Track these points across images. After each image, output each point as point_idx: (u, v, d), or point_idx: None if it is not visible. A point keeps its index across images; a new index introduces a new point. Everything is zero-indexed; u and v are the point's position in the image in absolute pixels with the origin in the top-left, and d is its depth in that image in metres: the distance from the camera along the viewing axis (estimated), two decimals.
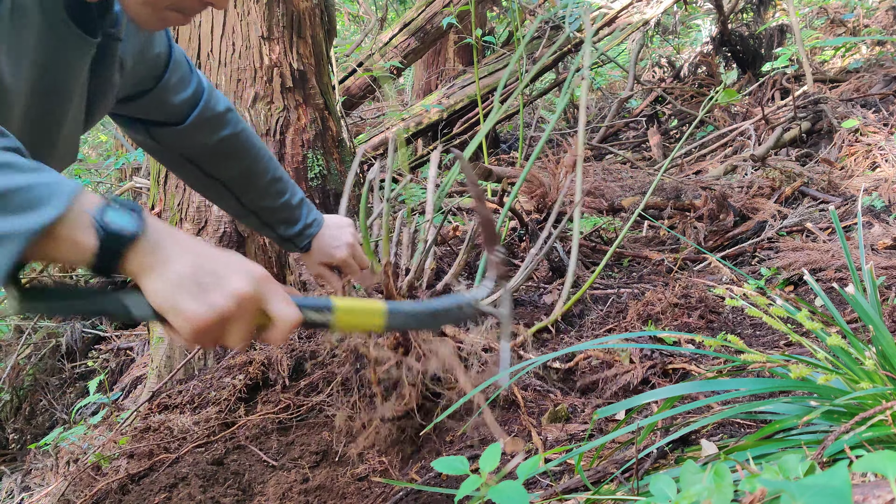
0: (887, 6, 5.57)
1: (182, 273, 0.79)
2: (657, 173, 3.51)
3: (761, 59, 5.38)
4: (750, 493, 0.62)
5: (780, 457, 0.80)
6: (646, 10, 5.13)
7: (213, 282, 0.80)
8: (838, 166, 3.43)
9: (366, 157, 4.73)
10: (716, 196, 2.99)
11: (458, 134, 5.03)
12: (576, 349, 1.57)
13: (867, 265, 1.19)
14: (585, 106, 2.13)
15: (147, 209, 0.81)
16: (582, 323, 2.09)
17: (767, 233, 2.76)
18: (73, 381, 3.37)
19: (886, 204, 2.88)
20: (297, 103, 2.35)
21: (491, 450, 0.91)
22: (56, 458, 2.33)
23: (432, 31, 5.19)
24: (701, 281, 2.30)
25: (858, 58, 5.37)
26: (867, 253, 2.27)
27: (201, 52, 2.28)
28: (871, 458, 0.62)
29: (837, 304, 1.88)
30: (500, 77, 4.95)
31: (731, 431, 1.30)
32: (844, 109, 3.94)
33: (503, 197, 2.72)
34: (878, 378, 0.97)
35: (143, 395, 2.31)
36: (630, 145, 5.28)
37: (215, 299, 0.80)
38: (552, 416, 1.56)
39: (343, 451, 1.69)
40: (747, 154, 3.77)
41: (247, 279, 0.82)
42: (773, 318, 1.07)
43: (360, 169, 3.22)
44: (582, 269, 2.66)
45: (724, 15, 5.32)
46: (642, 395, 1.05)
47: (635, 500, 0.93)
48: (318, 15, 2.49)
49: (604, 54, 5.59)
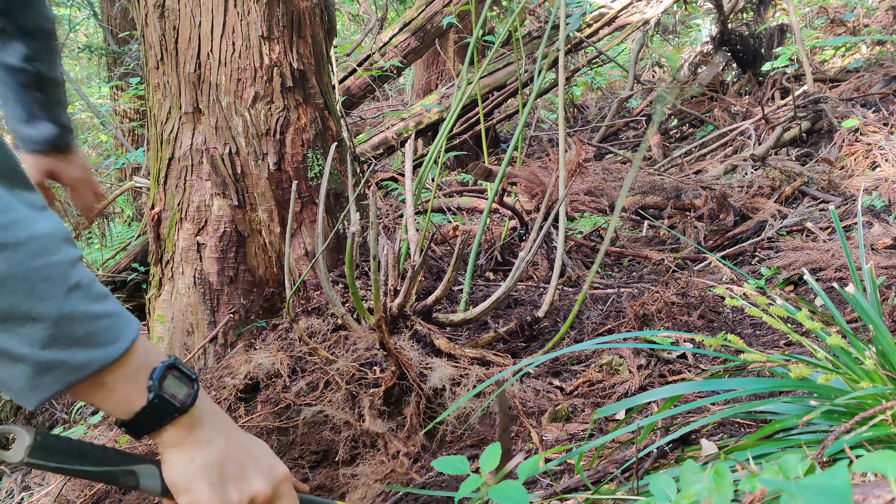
0: (887, 6, 5.57)
1: (209, 460, 0.77)
2: (657, 173, 3.52)
3: (761, 59, 5.38)
4: (750, 493, 0.62)
5: (780, 456, 0.79)
6: (646, 10, 5.13)
7: (236, 476, 0.79)
8: (838, 166, 3.43)
9: (366, 157, 4.73)
10: (716, 196, 2.99)
11: (458, 133, 5.03)
12: (575, 349, 1.57)
13: (867, 265, 1.19)
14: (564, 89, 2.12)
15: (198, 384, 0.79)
16: (582, 323, 2.09)
17: (767, 232, 2.76)
18: None
19: (886, 203, 2.88)
20: (297, 103, 2.35)
21: (491, 450, 0.91)
22: None
23: (432, 30, 5.19)
24: (701, 280, 2.30)
25: (858, 57, 5.37)
26: (867, 253, 2.27)
27: (201, 51, 2.28)
28: (871, 457, 0.62)
29: (837, 303, 1.88)
30: (500, 76, 4.95)
31: (731, 431, 1.30)
32: (844, 109, 3.94)
33: (503, 196, 2.72)
34: (878, 378, 0.97)
35: None
36: (630, 145, 5.28)
37: (230, 495, 0.78)
38: (552, 416, 1.56)
39: (343, 453, 1.69)
40: (747, 154, 3.77)
41: (267, 481, 0.81)
42: (773, 318, 1.07)
43: (360, 169, 3.22)
44: (582, 269, 2.66)
45: (724, 15, 5.32)
46: (642, 395, 1.05)
47: (635, 500, 0.93)
48: (318, 15, 2.49)
49: (604, 54, 5.58)
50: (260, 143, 2.30)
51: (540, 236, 1.85)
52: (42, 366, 0.66)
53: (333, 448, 1.71)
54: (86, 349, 0.68)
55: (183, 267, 2.31)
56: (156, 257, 2.39)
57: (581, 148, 2.59)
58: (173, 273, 2.33)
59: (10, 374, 0.66)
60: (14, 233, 0.66)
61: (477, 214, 3.30)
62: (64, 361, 0.67)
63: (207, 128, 2.28)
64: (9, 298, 0.65)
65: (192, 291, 2.30)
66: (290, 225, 1.80)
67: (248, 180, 2.30)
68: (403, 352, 1.66)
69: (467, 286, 2.14)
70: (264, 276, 2.34)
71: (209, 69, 2.28)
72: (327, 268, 2.34)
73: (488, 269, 2.72)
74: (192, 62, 2.28)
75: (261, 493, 0.80)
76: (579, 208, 3.09)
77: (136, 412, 0.73)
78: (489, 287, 2.47)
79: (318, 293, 2.27)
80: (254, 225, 2.32)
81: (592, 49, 5.53)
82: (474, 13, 2.51)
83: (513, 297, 2.35)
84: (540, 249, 2.60)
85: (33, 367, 0.66)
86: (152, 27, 2.33)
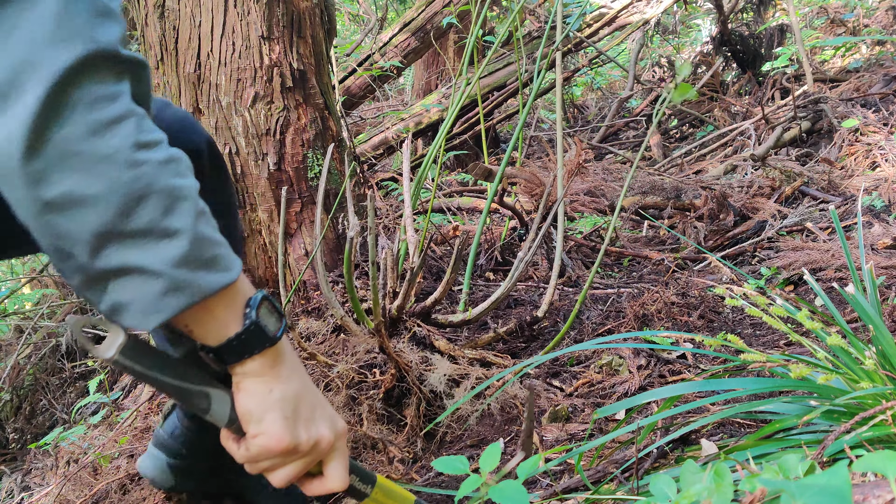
0: (887, 6, 5.57)
1: (287, 395, 0.78)
2: (657, 173, 3.52)
3: (761, 59, 5.37)
4: (750, 493, 0.62)
5: (780, 456, 0.79)
6: (646, 10, 5.13)
7: (307, 417, 0.80)
8: (838, 166, 3.43)
9: (366, 157, 4.73)
10: (716, 196, 2.99)
11: (458, 133, 5.02)
12: (575, 349, 1.57)
13: (867, 265, 1.19)
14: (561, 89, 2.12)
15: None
16: (582, 323, 2.09)
17: (767, 232, 2.76)
18: (73, 380, 3.37)
19: (886, 204, 2.88)
20: (297, 103, 2.35)
21: (491, 450, 0.91)
22: (56, 457, 2.33)
23: (432, 30, 5.19)
24: (701, 280, 2.30)
25: (858, 57, 5.37)
26: (867, 253, 2.27)
27: (201, 52, 2.28)
28: (871, 457, 0.62)
29: (837, 303, 1.88)
30: (500, 76, 4.95)
31: (731, 431, 1.30)
32: (844, 109, 3.94)
33: (503, 196, 2.72)
34: (878, 378, 0.97)
35: (144, 395, 2.30)
36: (630, 145, 5.28)
37: (300, 433, 0.79)
38: (552, 415, 1.56)
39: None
40: (747, 154, 3.77)
41: (332, 430, 0.82)
42: (773, 318, 1.07)
43: (360, 168, 3.22)
44: (582, 269, 2.66)
45: (724, 15, 5.32)
46: (642, 395, 1.05)
47: (635, 500, 0.93)
48: (318, 15, 2.49)
49: (604, 54, 5.58)
50: (260, 143, 2.30)
51: (539, 236, 1.84)
52: (173, 284, 0.67)
53: None
54: (210, 272, 0.70)
55: None
56: None
57: (581, 148, 2.59)
58: None
59: (139, 293, 0.67)
60: (159, 150, 0.68)
61: (477, 214, 3.30)
62: (191, 282, 0.68)
63: (207, 128, 2.28)
64: (151, 213, 0.66)
65: None
66: (282, 224, 1.79)
67: (248, 180, 2.30)
68: (403, 354, 1.66)
69: (466, 286, 2.14)
70: (264, 277, 2.34)
71: (209, 69, 2.28)
72: (329, 267, 2.34)
73: (488, 269, 2.72)
74: (191, 62, 2.28)
75: (325, 439, 0.81)
76: (579, 208, 3.09)
77: (230, 338, 0.74)
78: (489, 287, 2.47)
79: (317, 293, 2.27)
80: (254, 225, 2.32)
81: (592, 49, 5.53)
82: (474, 13, 2.51)
83: (512, 298, 2.35)
84: (540, 249, 2.60)
85: (164, 285, 0.67)
86: (152, 27, 2.33)
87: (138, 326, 0.69)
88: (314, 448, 0.80)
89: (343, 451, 0.85)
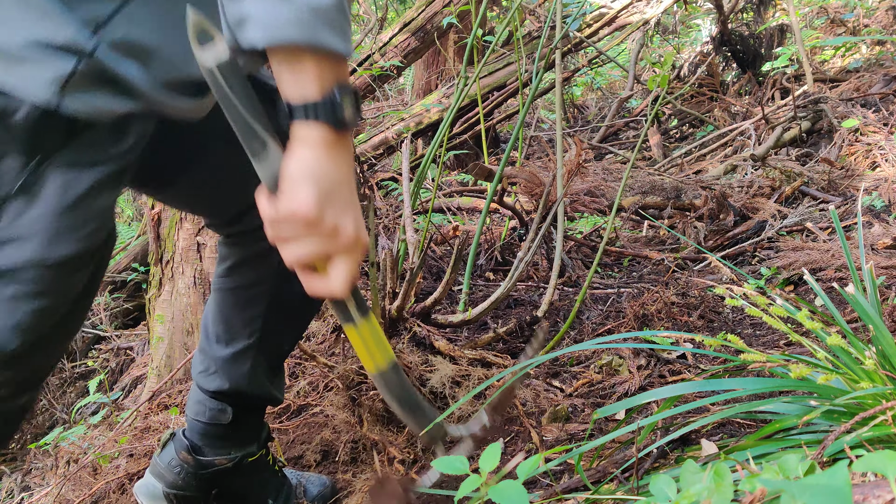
0: (887, 6, 5.57)
1: (330, 175, 0.82)
2: (657, 173, 3.52)
3: (761, 59, 5.37)
4: (750, 493, 0.62)
5: (780, 456, 0.79)
6: (646, 10, 5.13)
7: (339, 204, 0.83)
8: (838, 166, 3.43)
9: (366, 157, 4.73)
10: (716, 196, 2.99)
11: (458, 134, 5.02)
12: (575, 349, 1.57)
13: (867, 265, 1.19)
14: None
15: None
16: (581, 323, 2.09)
17: (767, 232, 2.76)
18: (73, 380, 3.37)
19: (886, 204, 2.88)
20: None
21: (491, 450, 0.91)
22: (56, 457, 2.33)
23: (432, 30, 5.19)
24: (701, 280, 2.30)
25: (858, 57, 5.37)
26: (867, 253, 2.27)
27: None
28: (871, 457, 0.61)
29: (837, 303, 1.88)
30: (500, 76, 4.95)
31: (731, 431, 1.30)
32: (844, 109, 3.94)
33: (503, 196, 2.72)
34: (878, 378, 0.97)
35: (143, 395, 2.31)
36: (630, 145, 5.28)
37: (328, 213, 0.82)
38: (552, 416, 1.56)
39: (343, 453, 1.69)
40: (747, 154, 3.77)
41: (356, 232, 0.85)
42: (773, 318, 1.07)
43: (360, 168, 3.22)
44: (581, 269, 2.66)
45: (724, 15, 5.32)
46: (642, 395, 1.05)
47: (635, 500, 0.93)
48: None
49: (604, 54, 5.58)
50: None
51: (539, 236, 1.84)
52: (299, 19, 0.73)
53: (333, 448, 1.71)
54: (334, 34, 0.76)
55: (183, 267, 2.31)
56: (156, 257, 2.39)
57: (581, 148, 2.59)
58: (173, 273, 2.33)
59: (270, 12, 0.73)
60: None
61: (477, 214, 3.30)
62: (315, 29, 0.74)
63: None
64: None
65: (192, 291, 2.30)
66: None
67: None
68: (403, 355, 1.66)
69: (466, 286, 2.14)
70: None
71: None
72: None
73: (488, 269, 2.72)
74: None
75: (346, 231, 0.84)
76: (579, 208, 3.09)
77: (307, 102, 0.79)
78: (489, 287, 2.47)
79: None
80: None
81: (592, 49, 5.53)
82: (474, 13, 2.51)
83: (512, 298, 2.35)
84: (540, 249, 2.60)
85: (294, 15, 0.73)
86: None
87: (252, 40, 0.74)
88: (333, 234, 0.83)
89: (354, 262, 0.87)
